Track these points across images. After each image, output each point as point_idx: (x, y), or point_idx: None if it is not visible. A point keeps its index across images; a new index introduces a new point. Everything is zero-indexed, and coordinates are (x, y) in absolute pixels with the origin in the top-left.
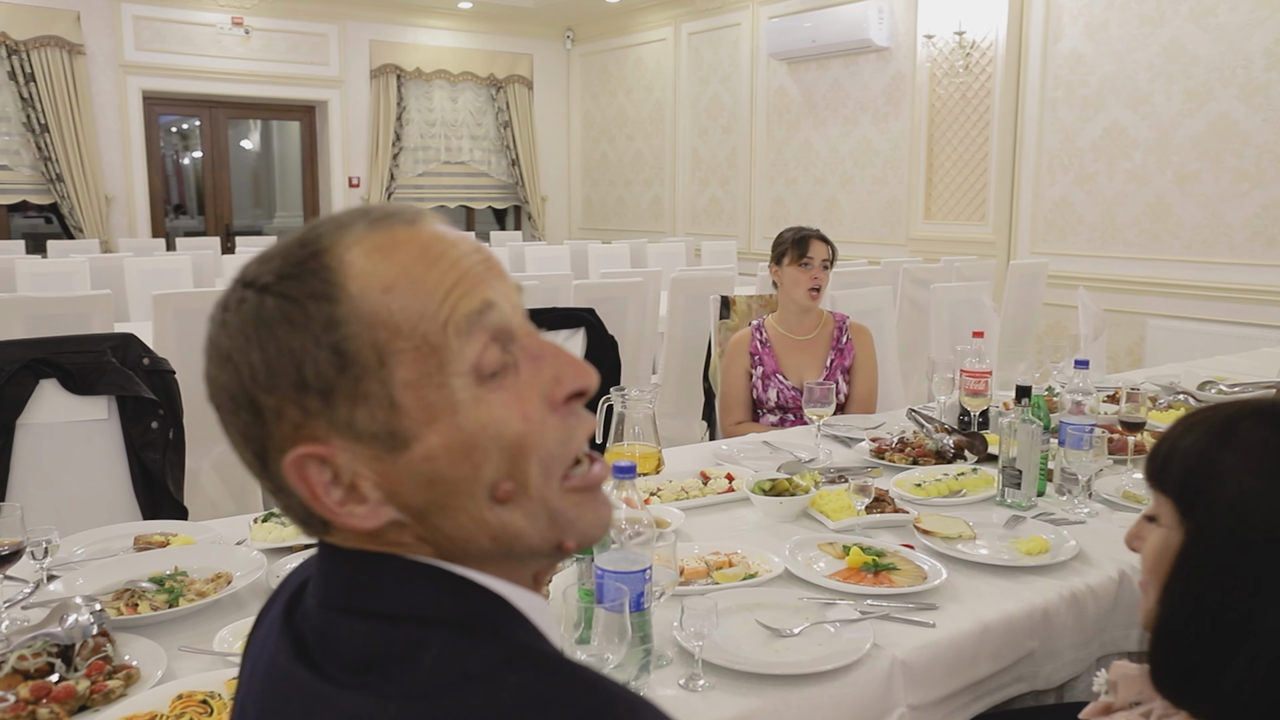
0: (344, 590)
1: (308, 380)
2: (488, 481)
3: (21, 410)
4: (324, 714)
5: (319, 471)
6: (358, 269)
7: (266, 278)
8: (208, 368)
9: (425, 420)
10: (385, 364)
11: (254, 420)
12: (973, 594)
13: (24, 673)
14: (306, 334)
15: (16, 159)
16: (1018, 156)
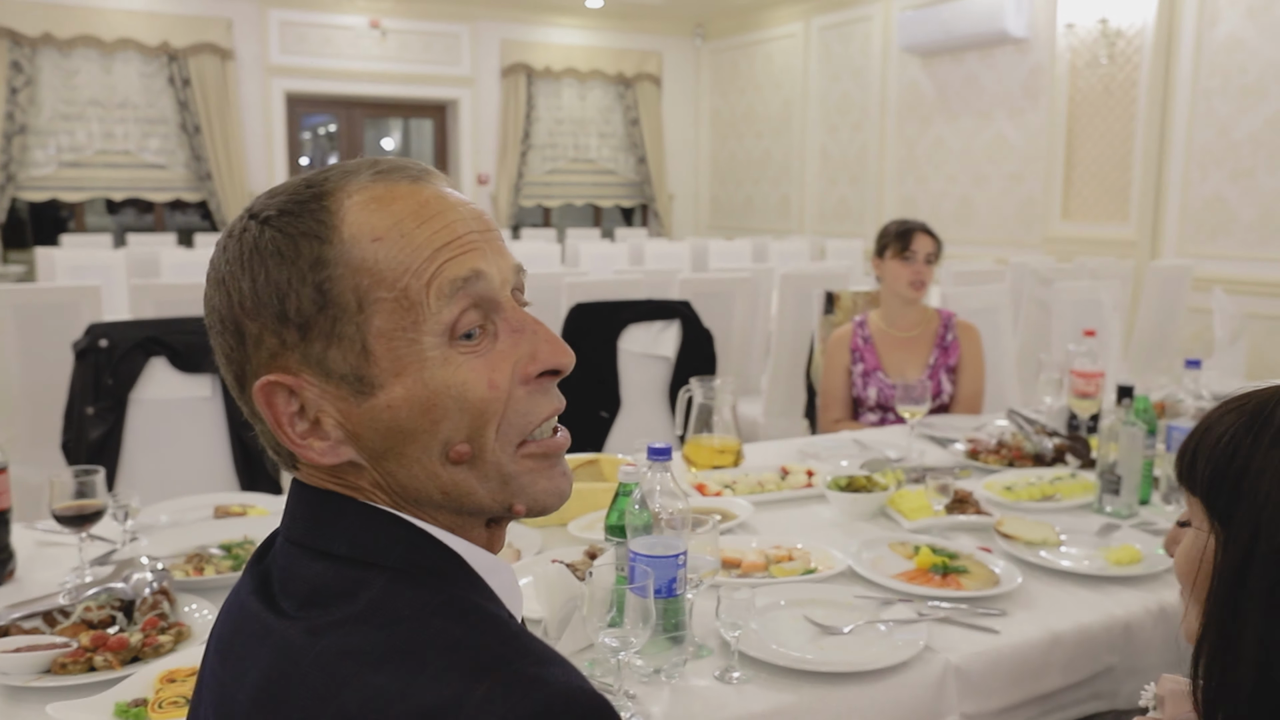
0: (306, 528)
1: (289, 313)
2: (443, 439)
3: (133, 385)
4: (263, 644)
5: (286, 401)
6: (353, 215)
7: (269, 211)
8: (207, 289)
9: (393, 370)
10: (364, 310)
11: (237, 344)
12: (1047, 602)
13: (89, 623)
14: (294, 269)
15: (172, 159)
16: (1165, 151)
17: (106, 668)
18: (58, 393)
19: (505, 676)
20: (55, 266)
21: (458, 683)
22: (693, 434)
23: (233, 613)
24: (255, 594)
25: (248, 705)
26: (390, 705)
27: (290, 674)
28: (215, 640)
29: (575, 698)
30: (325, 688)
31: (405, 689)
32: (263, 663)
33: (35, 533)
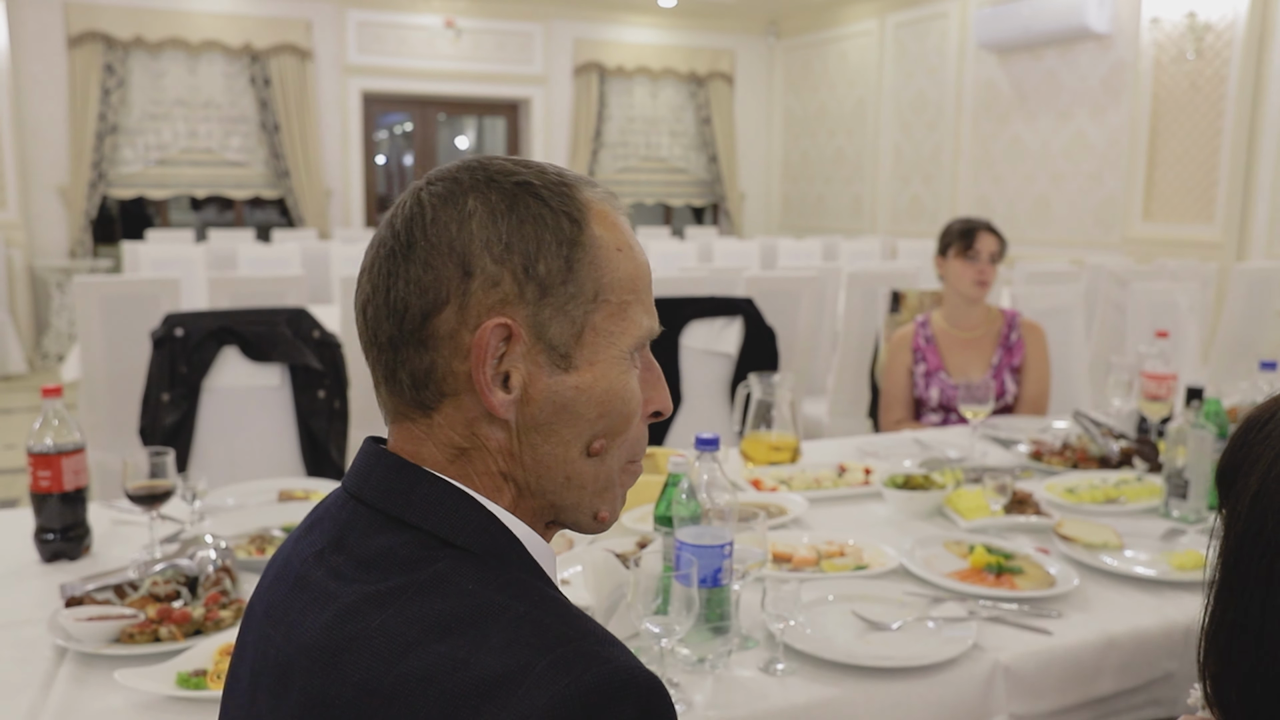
0: (381, 490)
1: (538, 270)
2: (596, 431)
3: (206, 373)
4: (324, 608)
5: (497, 346)
6: (596, 219)
7: (528, 178)
8: (432, 213)
9: (590, 360)
10: (595, 301)
11: (459, 275)
12: (1104, 605)
13: (155, 596)
14: (552, 236)
15: (252, 156)
16: (1255, 150)
17: (170, 639)
18: (138, 381)
19: (566, 652)
20: (139, 260)
21: (520, 655)
22: (750, 430)
23: (285, 577)
24: (310, 557)
25: (306, 664)
26: (454, 672)
27: (354, 636)
28: (264, 604)
29: (633, 677)
30: (389, 651)
31: (469, 658)
32: (322, 623)
33: (111, 511)
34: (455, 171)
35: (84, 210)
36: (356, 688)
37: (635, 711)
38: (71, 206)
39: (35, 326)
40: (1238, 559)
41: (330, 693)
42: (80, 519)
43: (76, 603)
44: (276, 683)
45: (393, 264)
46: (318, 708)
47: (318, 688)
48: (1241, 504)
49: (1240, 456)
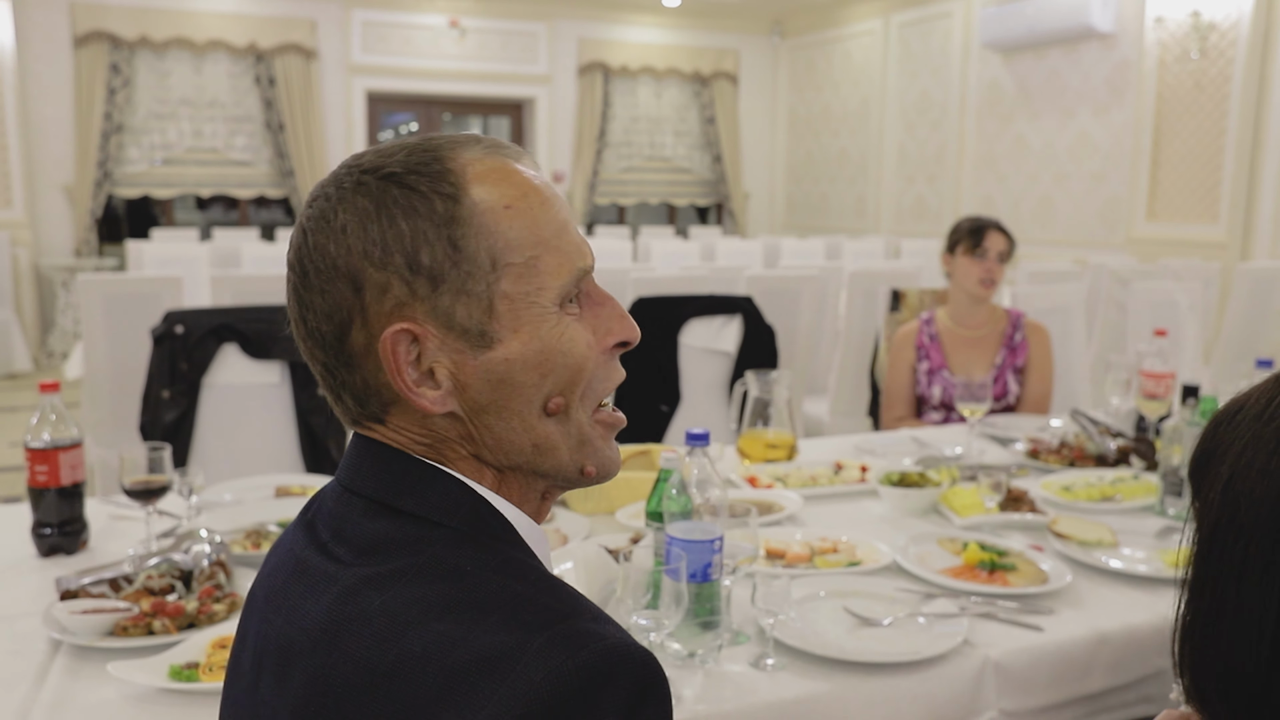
0: (373, 482)
1: (422, 263)
2: (546, 392)
3: (206, 370)
4: (325, 590)
5: (407, 350)
6: (478, 182)
7: (391, 168)
8: (311, 239)
9: (512, 328)
10: (495, 269)
11: (351, 292)
12: (1097, 602)
13: (150, 590)
14: (428, 222)
15: (257, 156)
16: (1260, 149)
17: (164, 632)
18: (141, 378)
19: (563, 629)
20: (144, 259)
21: (518, 632)
22: (747, 427)
23: (285, 564)
24: (310, 546)
25: (308, 645)
26: (453, 649)
27: (354, 616)
28: (264, 590)
29: (628, 653)
30: (389, 630)
31: (467, 635)
32: (324, 606)
33: (109, 506)
34: (327, 185)
35: (89, 209)
36: (358, 666)
37: (630, 686)
38: (77, 205)
39: (41, 325)
40: (1210, 549)
41: (332, 672)
42: (77, 514)
43: (71, 596)
44: (279, 665)
45: (299, 295)
46: (320, 686)
47: (320, 667)
48: (1213, 493)
49: (1211, 447)
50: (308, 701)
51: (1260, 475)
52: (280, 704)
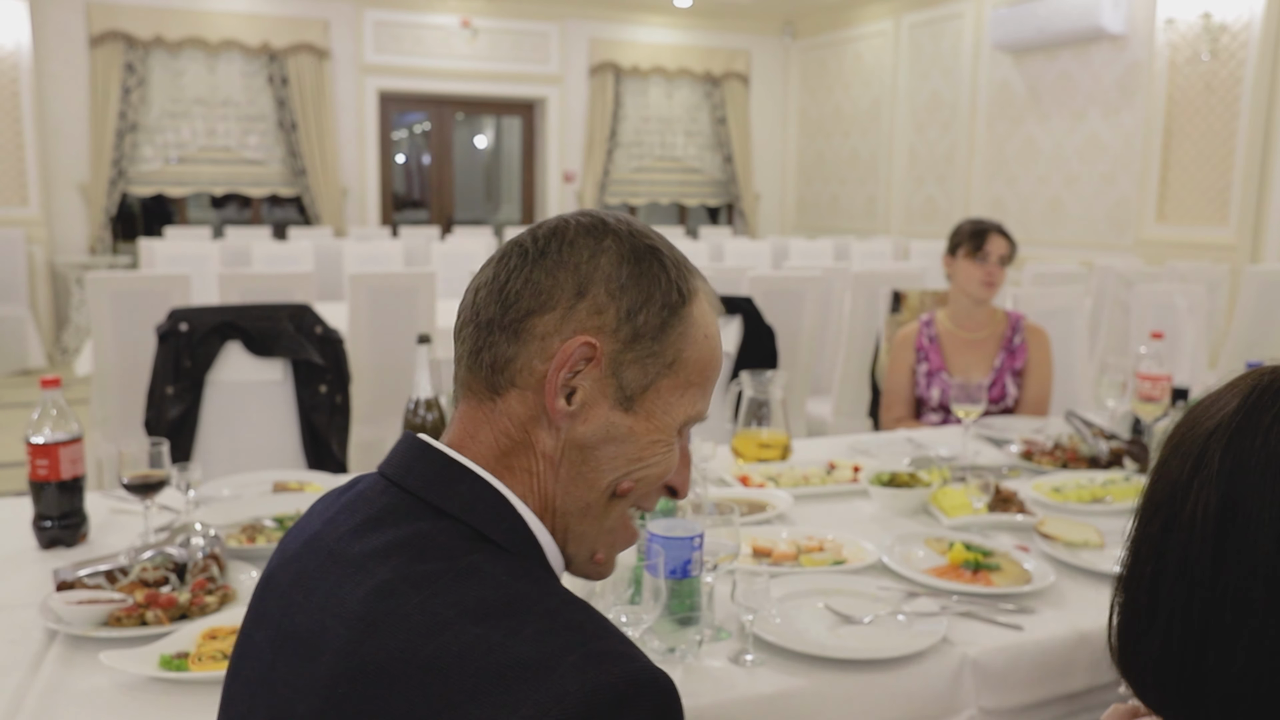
0: (423, 480)
1: (636, 320)
2: (627, 473)
3: (210, 367)
4: (361, 583)
5: (576, 361)
6: (698, 305)
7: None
8: (571, 235)
9: (646, 415)
10: (671, 368)
11: (574, 293)
12: (1079, 602)
13: (145, 582)
14: (660, 299)
15: (270, 155)
16: (1270, 152)
17: (156, 623)
18: (147, 375)
19: (597, 648)
20: (156, 257)
21: (553, 646)
22: (742, 427)
23: (316, 551)
24: (346, 536)
25: (344, 632)
26: (490, 653)
27: (393, 611)
28: (290, 574)
29: (655, 677)
30: (428, 628)
31: (505, 642)
32: (360, 596)
33: (109, 500)
34: (604, 214)
35: (104, 207)
36: (394, 657)
37: (652, 708)
38: (92, 203)
39: (55, 322)
40: (1132, 531)
41: (368, 659)
42: (77, 507)
43: (68, 587)
44: (305, 647)
45: (521, 262)
46: (353, 672)
47: (354, 654)
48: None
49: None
50: (337, 684)
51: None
52: (304, 685)
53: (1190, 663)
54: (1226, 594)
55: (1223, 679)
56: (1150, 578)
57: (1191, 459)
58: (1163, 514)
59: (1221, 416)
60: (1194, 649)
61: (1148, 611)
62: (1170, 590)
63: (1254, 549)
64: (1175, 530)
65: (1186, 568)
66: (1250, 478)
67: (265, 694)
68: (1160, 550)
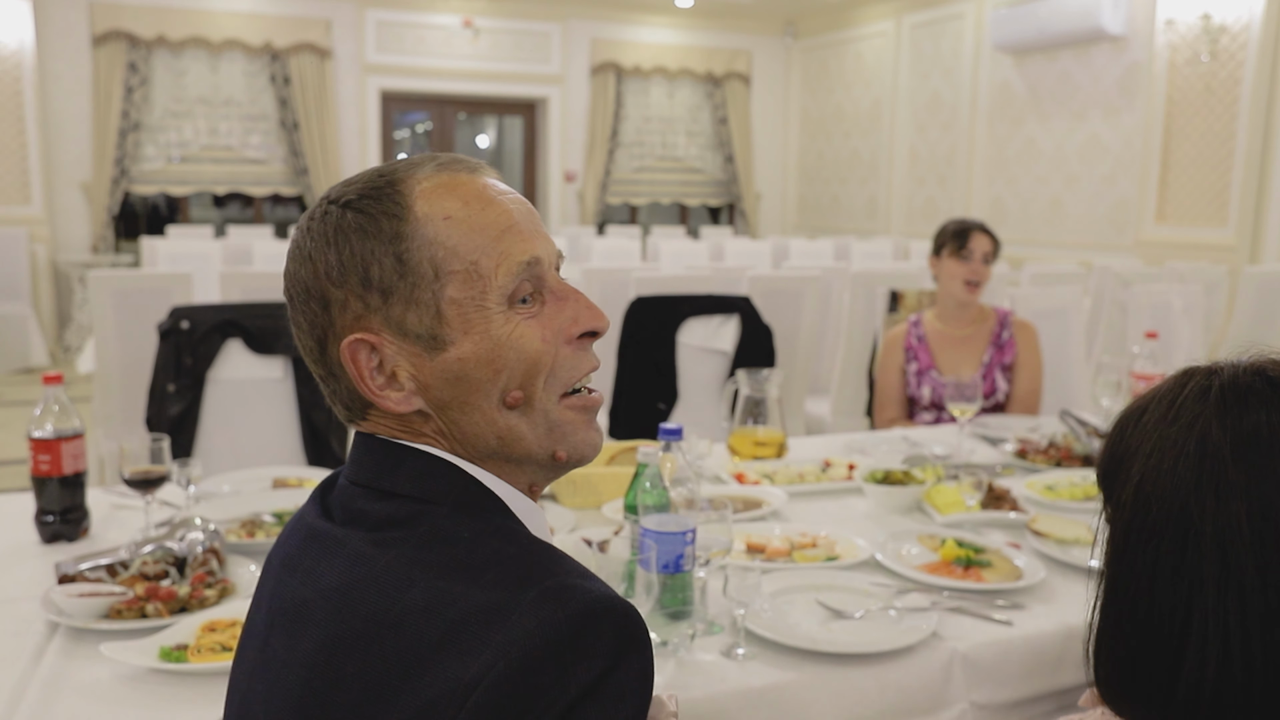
0: (371, 472)
1: (373, 280)
2: (502, 387)
3: (211, 365)
4: (336, 555)
5: (368, 357)
6: (424, 198)
7: (349, 196)
8: (289, 266)
9: (462, 330)
10: (439, 278)
11: (321, 310)
12: (1069, 598)
13: (145, 575)
14: (376, 242)
15: (271, 154)
16: (1269, 153)
17: (156, 615)
18: (149, 372)
19: (552, 585)
20: (157, 256)
21: (512, 588)
22: (738, 425)
23: (299, 533)
24: (323, 518)
25: (323, 604)
26: (454, 602)
27: (364, 577)
28: (280, 557)
29: (611, 603)
30: (395, 587)
31: (466, 591)
32: (337, 569)
33: (111, 496)
34: (304, 218)
35: (106, 206)
36: (366, 620)
37: (612, 632)
38: (94, 202)
39: (58, 320)
40: (1123, 552)
41: (343, 627)
42: (79, 502)
43: (69, 580)
44: (293, 623)
45: (291, 316)
46: (331, 641)
47: (331, 623)
48: (1125, 495)
49: (1119, 450)
50: (318, 654)
51: (1168, 476)
52: (292, 658)
53: (1168, 674)
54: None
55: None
56: (1126, 584)
57: (1190, 470)
58: (1170, 531)
59: (1200, 424)
60: (1172, 661)
61: (1127, 618)
62: (1150, 597)
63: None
64: (1201, 544)
65: (1228, 585)
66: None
67: (261, 671)
68: (1181, 569)
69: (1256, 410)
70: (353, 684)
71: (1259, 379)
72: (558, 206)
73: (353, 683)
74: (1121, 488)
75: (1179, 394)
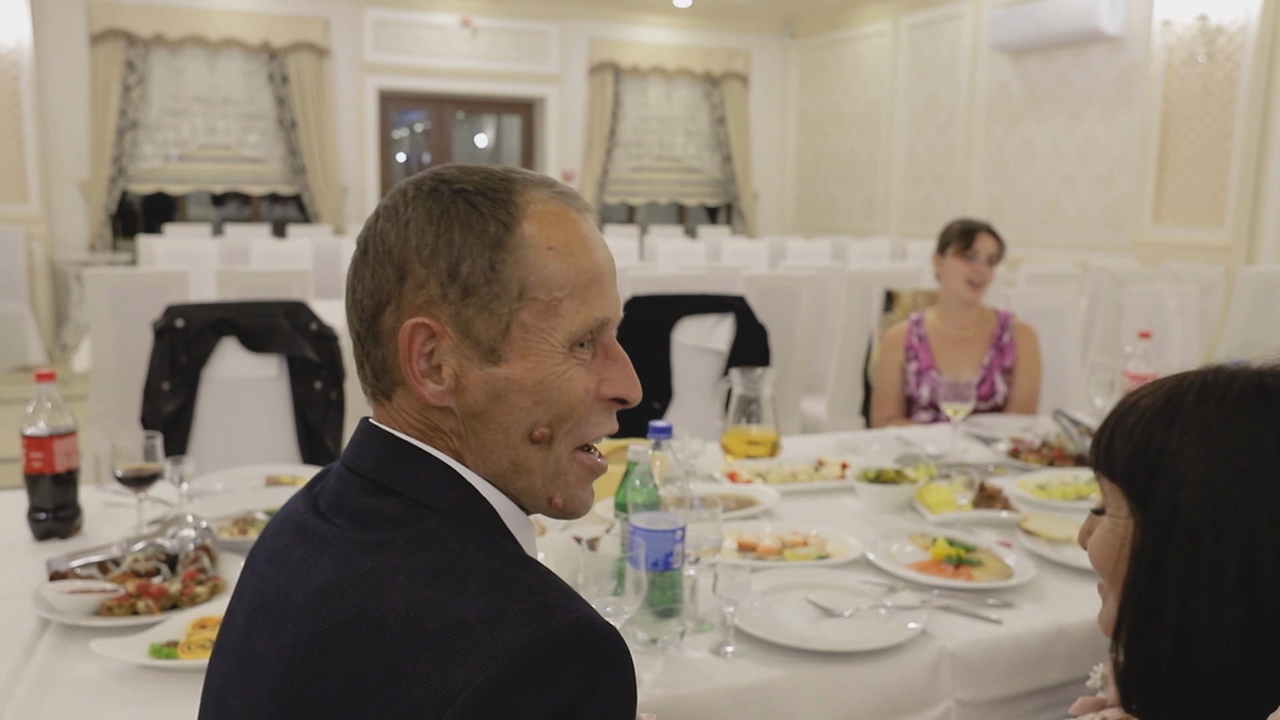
0: (371, 463)
1: (460, 274)
2: (535, 419)
3: (206, 363)
4: (324, 554)
5: (424, 342)
6: (533, 219)
7: (465, 185)
8: (379, 224)
9: (521, 354)
10: (521, 299)
11: (395, 279)
12: (1058, 597)
13: (136, 572)
14: (478, 241)
15: (269, 153)
16: (1265, 153)
17: (147, 612)
18: (144, 370)
19: (535, 603)
20: (154, 254)
21: (495, 602)
22: (731, 424)
23: (287, 528)
24: (311, 513)
25: (306, 603)
26: (435, 613)
27: (348, 579)
28: (266, 551)
29: (594, 626)
30: (379, 591)
31: (449, 601)
32: (324, 568)
33: (104, 494)
34: (409, 183)
35: (104, 205)
36: (346, 621)
37: (591, 656)
38: (92, 201)
39: (55, 318)
40: (1173, 561)
41: (322, 625)
42: (71, 499)
43: (60, 577)
44: (273, 617)
45: (356, 268)
46: (309, 639)
47: (311, 621)
48: (1171, 503)
49: (1161, 452)
50: (296, 651)
51: (1226, 487)
52: (270, 653)
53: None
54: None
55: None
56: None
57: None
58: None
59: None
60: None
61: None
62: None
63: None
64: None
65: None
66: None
67: (240, 664)
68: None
69: None
70: (328, 684)
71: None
72: None
73: (328, 683)
74: (1164, 488)
75: (1224, 394)
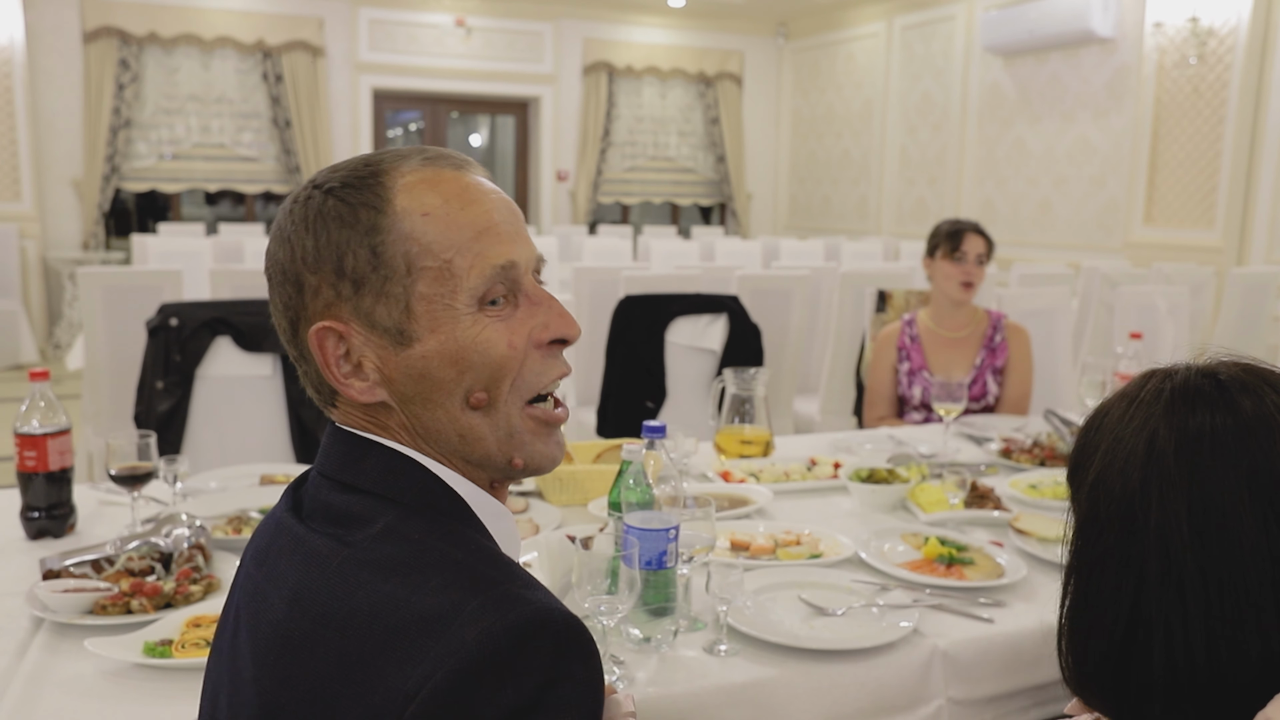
0: (337, 464)
1: (346, 269)
2: (466, 387)
3: (200, 362)
4: (295, 554)
5: (335, 345)
6: (405, 192)
7: (332, 183)
8: (270, 246)
9: (430, 327)
10: (411, 274)
11: (295, 293)
12: (1049, 596)
13: (130, 571)
14: (353, 232)
15: (264, 152)
16: (1256, 155)
17: (141, 611)
18: (138, 369)
19: (495, 594)
20: (148, 253)
21: (454, 595)
22: (724, 424)
23: (269, 526)
24: (290, 512)
25: (284, 606)
26: (397, 609)
27: (316, 579)
28: (253, 550)
29: (551, 616)
30: (342, 590)
31: (409, 596)
32: (295, 567)
33: (97, 493)
34: (288, 199)
35: (97, 203)
36: (314, 621)
37: (552, 645)
38: (85, 199)
39: (48, 317)
40: (1079, 544)
41: (292, 626)
42: (65, 498)
43: (54, 576)
44: (253, 617)
45: (270, 293)
46: (281, 639)
47: (283, 621)
48: (1083, 491)
49: (1083, 448)
50: (267, 651)
51: (1119, 474)
52: (250, 653)
53: (1115, 656)
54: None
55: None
56: (1130, 599)
57: (1138, 469)
58: (1117, 526)
59: (1150, 424)
60: (1119, 643)
61: (1081, 605)
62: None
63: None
64: (1144, 539)
65: (1169, 581)
66: (1213, 477)
67: (228, 663)
68: (1128, 562)
69: (1202, 413)
70: (299, 685)
71: (1209, 382)
72: (549, 206)
73: (299, 684)
74: (1081, 484)
75: (1137, 394)
